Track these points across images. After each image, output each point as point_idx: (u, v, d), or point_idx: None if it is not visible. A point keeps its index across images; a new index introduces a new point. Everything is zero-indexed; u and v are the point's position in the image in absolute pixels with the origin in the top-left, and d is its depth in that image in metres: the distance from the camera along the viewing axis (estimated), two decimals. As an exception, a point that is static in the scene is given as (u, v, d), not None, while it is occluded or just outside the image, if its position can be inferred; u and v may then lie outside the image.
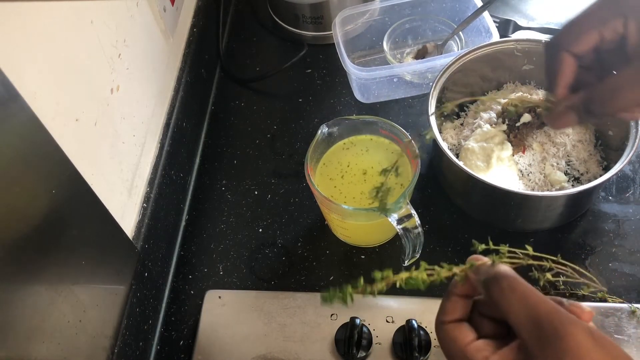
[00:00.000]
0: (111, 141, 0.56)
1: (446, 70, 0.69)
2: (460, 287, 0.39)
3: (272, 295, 0.65)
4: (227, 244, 0.72)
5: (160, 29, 0.69)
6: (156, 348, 0.65)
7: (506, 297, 0.34)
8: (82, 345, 0.49)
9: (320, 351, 0.61)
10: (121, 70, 0.58)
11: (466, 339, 0.36)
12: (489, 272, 0.36)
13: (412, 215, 0.57)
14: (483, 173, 0.66)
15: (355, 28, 0.86)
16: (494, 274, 0.35)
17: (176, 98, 0.73)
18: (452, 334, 0.36)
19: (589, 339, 0.31)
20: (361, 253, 0.69)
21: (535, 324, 0.32)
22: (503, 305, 0.34)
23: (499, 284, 0.34)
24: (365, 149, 0.66)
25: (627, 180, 0.72)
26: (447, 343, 0.37)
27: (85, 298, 0.49)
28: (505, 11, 0.90)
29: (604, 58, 0.47)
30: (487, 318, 0.38)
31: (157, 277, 0.66)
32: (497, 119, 0.69)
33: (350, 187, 0.64)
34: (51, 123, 0.43)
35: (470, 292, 0.39)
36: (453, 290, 0.39)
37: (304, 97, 0.85)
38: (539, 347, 0.32)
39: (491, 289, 0.35)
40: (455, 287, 0.39)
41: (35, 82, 0.43)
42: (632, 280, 0.64)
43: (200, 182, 0.78)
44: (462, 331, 0.36)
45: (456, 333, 0.36)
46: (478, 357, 0.35)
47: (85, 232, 0.50)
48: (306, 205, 0.73)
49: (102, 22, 0.54)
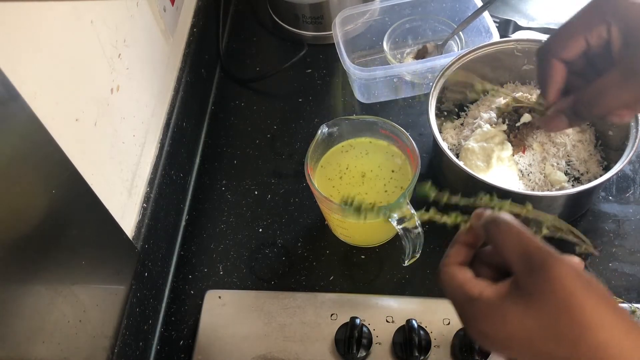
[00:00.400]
0: (111, 141, 0.56)
1: (446, 70, 0.69)
2: (464, 236, 0.42)
3: (272, 295, 0.65)
4: (227, 244, 0.72)
5: (160, 29, 0.69)
6: (156, 348, 0.65)
7: (503, 236, 0.37)
8: (82, 345, 0.49)
9: (320, 351, 0.61)
10: (121, 70, 0.58)
11: (465, 277, 0.39)
12: (490, 216, 0.39)
13: (412, 216, 0.57)
14: (483, 173, 0.66)
15: (355, 28, 0.86)
16: (494, 217, 0.39)
17: (176, 98, 0.73)
18: (452, 273, 0.40)
19: (572, 272, 0.34)
20: (361, 253, 0.69)
21: (526, 258, 0.36)
22: (500, 243, 0.38)
23: (497, 225, 0.38)
24: (364, 152, 0.66)
25: (627, 180, 0.72)
26: (447, 281, 0.40)
27: (85, 298, 0.49)
28: (505, 11, 0.90)
29: (592, 63, 0.49)
30: (487, 265, 0.41)
31: (157, 277, 0.66)
32: (497, 119, 0.69)
33: (348, 187, 0.64)
34: (51, 123, 0.43)
35: (473, 241, 0.42)
36: (457, 239, 0.42)
37: (304, 97, 0.85)
38: (527, 276, 0.35)
39: (490, 229, 0.38)
40: (459, 236, 0.42)
41: (35, 82, 0.43)
42: (632, 280, 0.64)
43: (200, 182, 0.78)
44: (461, 271, 0.40)
45: (456, 272, 0.40)
46: (474, 290, 0.38)
47: (85, 232, 0.50)
48: (306, 205, 0.73)
49: (102, 22, 0.54)
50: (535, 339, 0.35)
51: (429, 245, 0.68)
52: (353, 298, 0.65)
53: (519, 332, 0.35)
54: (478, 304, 0.37)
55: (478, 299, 0.37)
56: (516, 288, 0.36)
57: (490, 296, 0.37)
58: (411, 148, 0.62)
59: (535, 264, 0.35)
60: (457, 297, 0.39)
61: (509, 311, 0.36)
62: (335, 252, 0.70)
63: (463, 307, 0.39)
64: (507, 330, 0.36)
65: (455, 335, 0.60)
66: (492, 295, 0.37)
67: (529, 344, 0.35)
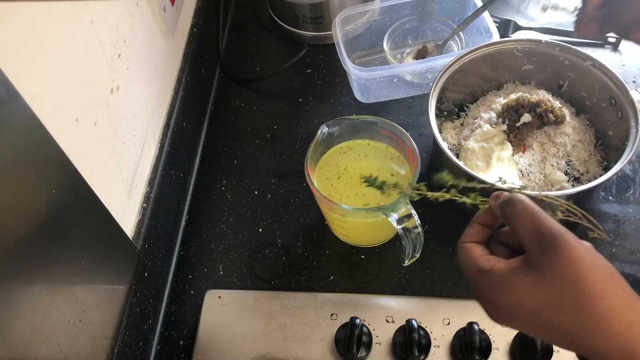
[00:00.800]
0: (111, 141, 0.56)
1: (446, 70, 0.69)
2: (481, 216, 0.44)
3: (272, 295, 0.65)
4: (227, 244, 0.72)
5: (160, 29, 0.69)
6: (156, 348, 0.65)
7: (518, 214, 0.39)
8: (82, 345, 0.49)
9: (320, 351, 0.61)
10: (121, 70, 0.58)
11: (479, 252, 0.42)
12: (507, 197, 0.41)
13: (412, 215, 0.57)
14: (483, 173, 0.66)
15: (355, 28, 0.86)
16: (511, 197, 0.41)
17: (176, 98, 0.73)
18: (468, 250, 0.42)
19: (582, 249, 0.36)
20: (361, 253, 0.69)
21: (538, 235, 0.37)
22: (515, 221, 0.40)
23: (513, 204, 0.40)
24: (363, 154, 0.66)
25: (627, 180, 0.72)
26: (463, 256, 0.42)
27: (85, 298, 0.49)
28: (505, 11, 0.90)
29: None
30: (502, 245, 0.43)
31: (157, 277, 0.66)
32: (497, 119, 0.69)
33: (346, 187, 0.64)
34: (51, 123, 0.43)
35: (490, 222, 0.44)
36: (475, 219, 0.44)
37: (304, 97, 0.85)
38: (539, 251, 0.37)
39: (506, 209, 0.40)
40: (477, 216, 0.45)
41: (35, 82, 0.43)
42: (632, 280, 0.64)
43: (200, 182, 0.78)
44: (477, 248, 0.42)
45: (472, 249, 0.42)
46: (487, 264, 0.40)
47: (85, 232, 0.50)
48: (306, 205, 0.73)
49: (102, 22, 0.54)
50: (542, 309, 0.37)
51: (429, 245, 0.68)
52: (353, 298, 0.65)
53: (527, 302, 0.37)
54: (490, 276, 0.39)
55: (490, 271, 0.39)
56: (527, 262, 0.38)
57: (503, 269, 0.39)
58: (411, 148, 0.62)
59: (547, 240, 0.37)
60: (471, 270, 0.41)
61: (519, 283, 0.38)
62: (335, 252, 0.70)
63: (476, 279, 0.41)
64: (516, 300, 0.38)
65: (455, 335, 0.60)
66: (504, 268, 0.39)
67: (536, 314, 0.37)
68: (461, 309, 0.62)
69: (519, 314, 0.38)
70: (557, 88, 0.73)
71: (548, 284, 0.36)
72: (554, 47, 0.70)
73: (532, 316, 0.38)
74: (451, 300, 0.63)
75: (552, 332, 0.38)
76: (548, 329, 0.37)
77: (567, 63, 0.70)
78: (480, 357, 0.58)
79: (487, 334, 0.60)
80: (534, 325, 0.38)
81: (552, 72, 0.72)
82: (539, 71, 0.73)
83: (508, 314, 0.39)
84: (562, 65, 0.71)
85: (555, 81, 0.73)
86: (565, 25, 0.88)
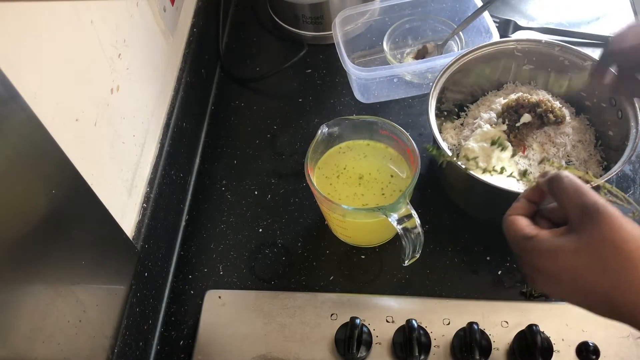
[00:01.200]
0: (111, 141, 0.56)
1: (446, 70, 0.69)
2: (529, 193, 0.47)
3: (272, 295, 0.65)
4: (227, 244, 0.72)
5: (160, 29, 0.69)
6: (156, 348, 0.65)
7: (565, 188, 0.42)
8: (82, 345, 0.49)
9: (320, 351, 0.61)
10: (121, 70, 0.58)
11: (525, 222, 0.45)
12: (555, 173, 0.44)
13: (412, 215, 0.57)
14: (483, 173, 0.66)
15: (355, 28, 0.86)
16: (558, 173, 0.44)
17: (176, 98, 0.73)
18: (514, 221, 0.45)
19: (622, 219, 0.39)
20: (361, 253, 0.69)
21: (583, 206, 0.41)
22: (561, 194, 0.43)
23: (561, 179, 0.43)
24: (363, 155, 0.66)
25: (627, 180, 0.72)
26: (510, 227, 0.45)
27: (85, 298, 0.49)
28: (505, 11, 0.91)
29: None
30: (546, 220, 0.46)
31: (157, 277, 0.66)
32: (497, 119, 0.69)
33: (345, 187, 0.64)
34: (51, 123, 0.43)
35: (537, 198, 0.47)
36: (523, 195, 0.48)
37: (304, 97, 0.85)
38: (582, 221, 0.40)
39: (554, 183, 0.44)
40: (525, 192, 0.48)
41: (35, 82, 0.43)
42: (632, 280, 0.64)
43: (200, 182, 0.78)
44: (522, 219, 0.45)
45: (518, 220, 0.45)
46: (532, 232, 0.43)
47: (85, 232, 0.50)
48: (306, 205, 0.73)
49: (102, 22, 0.54)
50: (583, 272, 0.40)
51: (429, 245, 0.68)
52: (353, 298, 0.65)
53: (569, 265, 0.40)
54: (535, 241, 0.42)
55: (536, 236, 0.43)
56: (571, 230, 0.41)
57: (547, 235, 0.42)
58: (411, 148, 0.62)
59: (591, 210, 0.40)
60: (517, 239, 0.44)
61: (561, 248, 0.41)
62: (335, 252, 0.70)
63: (522, 246, 0.44)
64: (558, 264, 0.41)
65: (455, 335, 0.60)
66: (548, 234, 0.42)
67: (577, 277, 0.40)
68: (461, 309, 0.62)
69: (560, 277, 0.41)
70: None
71: (590, 248, 0.39)
72: (554, 47, 0.70)
73: (573, 279, 0.40)
74: (451, 300, 0.63)
75: (591, 296, 0.40)
76: (587, 292, 0.40)
77: (567, 63, 0.70)
78: (480, 357, 0.58)
79: (487, 334, 0.60)
80: (574, 288, 0.41)
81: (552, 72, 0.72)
82: (539, 71, 0.73)
83: (550, 278, 0.42)
84: (562, 65, 0.71)
85: (555, 81, 0.73)
86: (565, 25, 0.88)
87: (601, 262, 0.39)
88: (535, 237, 0.43)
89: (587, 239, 0.40)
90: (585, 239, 0.40)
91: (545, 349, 0.58)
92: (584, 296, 0.41)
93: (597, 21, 0.88)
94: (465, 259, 0.68)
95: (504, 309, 0.62)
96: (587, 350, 0.58)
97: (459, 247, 0.68)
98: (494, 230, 0.69)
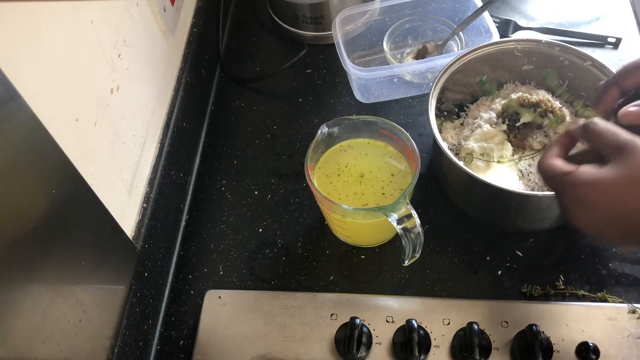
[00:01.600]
0: (111, 141, 0.56)
1: (446, 70, 0.69)
2: (561, 138, 0.51)
3: (272, 295, 0.65)
4: (227, 244, 0.72)
5: (160, 29, 0.69)
6: (156, 348, 0.65)
7: (601, 130, 0.46)
8: (82, 345, 0.49)
9: (320, 351, 0.61)
10: (121, 70, 0.58)
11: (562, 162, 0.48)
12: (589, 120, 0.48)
13: (412, 215, 0.57)
14: (483, 173, 0.66)
15: (355, 28, 0.86)
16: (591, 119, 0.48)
17: (176, 98, 0.73)
18: (550, 160, 0.49)
19: None
20: (361, 253, 0.69)
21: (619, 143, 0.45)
22: (597, 136, 0.47)
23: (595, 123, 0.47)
24: (364, 153, 0.66)
25: (627, 180, 0.72)
26: (547, 168, 0.49)
27: (85, 298, 0.49)
28: (505, 11, 0.90)
29: None
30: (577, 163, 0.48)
31: (157, 277, 0.66)
32: (497, 119, 0.69)
33: (345, 186, 0.64)
34: (51, 123, 0.43)
35: (568, 143, 0.51)
36: (555, 141, 0.51)
37: (304, 97, 0.85)
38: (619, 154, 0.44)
39: (589, 128, 0.47)
40: (558, 138, 0.51)
41: (35, 82, 0.43)
42: (632, 280, 0.64)
43: (200, 182, 0.78)
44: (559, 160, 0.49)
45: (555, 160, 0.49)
46: (570, 167, 0.47)
47: (85, 232, 0.50)
48: (306, 205, 0.73)
49: (102, 22, 0.54)
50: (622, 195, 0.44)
51: (429, 245, 0.68)
52: (353, 298, 0.65)
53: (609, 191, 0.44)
54: (575, 175, 0.46)
55: (575, 170, 0.46)
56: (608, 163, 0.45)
57: (585, 168, 0.46)
58: (411, 148, 0.62)
59: (628, 144, 0.44)
60: (555, 176, 0.48)
61: (601, 176, 0.44)
62: (335, 252, 0.70)
63: (561, 180, 0.47)
64: (598, 190, 0.45)
65: (455, 335, 0.60)
66: (586, 167, 0.46)
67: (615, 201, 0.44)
68: (461, 309, 0.62)
69: (600, 204, 0.45)
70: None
71: (628, 174, 0.43)
72: (554, 47, 0.70)
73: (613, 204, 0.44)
74: (451, 300, 0.63)
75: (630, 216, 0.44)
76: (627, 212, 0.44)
77: (567, 63, 0.70)
78: (480, 357, 0.58)
79: (487, 334, 0.60)
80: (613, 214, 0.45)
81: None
82: (539, 71, 0.73)
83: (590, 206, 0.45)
84: (562, 65, 0.71)
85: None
86: (565, 25, 0.88)
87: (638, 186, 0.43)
88: (575, 170, 0.46)
89: (627, 167, 0.44)
90: (626, 167, 0.44)
91: (545, 349, 0.58)
92: (622, 223, 0.45)
93: (597, 21, 0.88)
94: (465, 259, 0.68)
95: (504, 309, 0.62)
96: (587, 350, 0.58)
97: (459, 247, 0.68)
98: (494, 230, 0.69)
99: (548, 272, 0.65)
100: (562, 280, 0.64)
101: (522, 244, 0.68)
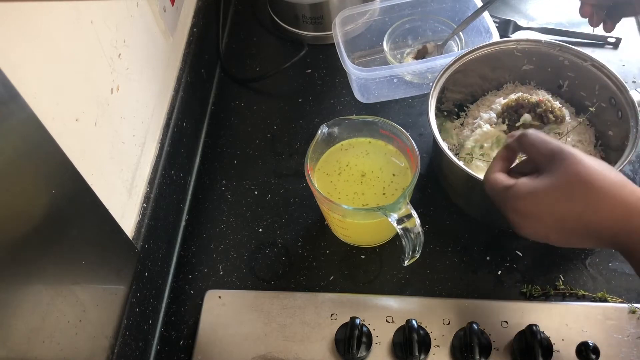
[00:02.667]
0: (111, 141, 0.56)
1: (446, 70, 0.69)
2: (502, 152, 0.54)
3: (272, 295, 0.65)
4: (227, 244, 0.72)
5: (160, 29, 0.69)
6: (156, 348, 0.65)
7: (534, 141, 0.50)
8: (82, 345, 0.49)
9: (320, 351, 0.61)
10: (121, 70, 0.58)
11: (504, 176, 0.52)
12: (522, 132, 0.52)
13: (412, 215, 0.57)
14: (483, 173, 0.66)
15: (355, 28, 0.86)
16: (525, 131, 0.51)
17: (176, 98, 0.73)
18: (494, 177, 0.52)
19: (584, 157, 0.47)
20: (361, 253, 0.69)
21: (551, 152, 0.48)
22: (531, 147, 0.50)
23: (527, 135, 0.51)
24: (365, 152, 0.66)
25: (627, 180, 0.72)
26: (491, 183, 0.52)
27: (85, 298, 0.49)
28: (505, 11, 0.91)
29: None
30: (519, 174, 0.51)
31: (157, 277, 0.66)
32: (497, 119, 0.69)
33: (346, 185, 0.64)
34: (51, 123, 0.43)
35: (510, 156, 0.54)
36: (497, 156, 0.54)
37: (304, 97, 0.85)
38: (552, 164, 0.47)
39: (523, 139, 0.51)
40: (499, 152, 0.54)
41: (35, 82, 0.43)
42: (632, 280, 0.64)
43: (200, 182, 0.78)
44: (500, 175, 0.52)
45: (497, 175, 0.52)
46: (511, 181, 0.50)
47: (85, 232, 0.50)
48: (306, 205, 0.73)
49: (102, 22, 0.54)
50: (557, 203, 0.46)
51: (429, 245, 0.68)
52: (353, 298, 0.65)
53: (546, 200, 0.47)
54: (514, 188, 0.49)
55: (515, 184, 0.49)
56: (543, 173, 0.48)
57: (524, 180, 0.49)
58: (411, 148, 0.62)
59: (557, 153, 0.47)
60: (498, 191, 0.51)
61: (538, 188, 0.47)
62: (335, 252, 0.70)
63: (504, 195, 0.50)
64: (537, 202, 0.47)
65: (455, 335, 0.60)
66: (525, 180, 0.49)
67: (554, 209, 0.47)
68: (461, 309, 0.62)
69: (541, 214, 0.47)
70: (557, 88, 0.73)
71: (561, 182, 0.46)
72: (554, 47, 0.70)
73: (551, 211, 0.47)
74: (451, 300, 0.63)
75: (567, 220, 0.46)
76: (564, 217, 0.46)
77: (567, 63, 0.70)
78: (480, 357, 0.58)
79: (487, 334, 0.60)
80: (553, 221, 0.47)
81: (552, 72, 0.72)
82: (539, 71, 0.73)
83: (532, 217, 0.48)
84: (562, 65, 0.71)
85: (555, 81, 0.73)
86: (565, 25, 0.88)
87: (571, 191, 0.46)
88: (515, 184, 0.49)
89: (557, 175, 0.46)
90: (556, 176, 0.46)
91: (545, 349, 0.58)
92: (562, 228, 0.47)
93: (597, 21, 0.88)
94: (465, 259, 0.68)
95: (504, 309, 0.62)
96: (587, 350, 0.58)
97: (459, 247, 0.68)
98: (494, 230, 0.69)
99: (548, 272, 0.65)
100: (562, 280, 0.65)
101: (522, 244, 0.68)
